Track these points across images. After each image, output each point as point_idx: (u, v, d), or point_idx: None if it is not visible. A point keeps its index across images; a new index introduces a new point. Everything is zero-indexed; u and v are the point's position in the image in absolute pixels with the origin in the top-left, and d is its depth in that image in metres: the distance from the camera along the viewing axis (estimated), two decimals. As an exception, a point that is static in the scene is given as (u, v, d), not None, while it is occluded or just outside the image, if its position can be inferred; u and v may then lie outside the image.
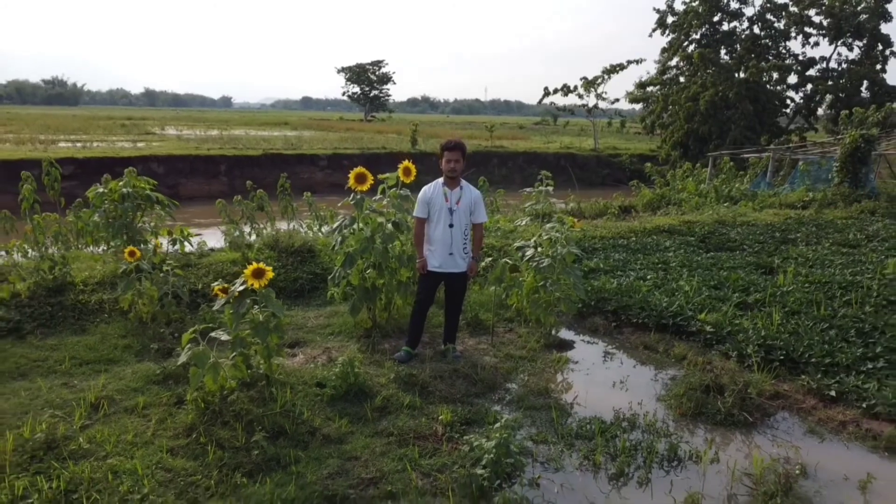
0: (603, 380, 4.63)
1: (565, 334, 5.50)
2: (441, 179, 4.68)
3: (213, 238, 8.88)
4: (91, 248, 8.99)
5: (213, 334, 3.71)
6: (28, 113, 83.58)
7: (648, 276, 6.51)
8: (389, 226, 4.99)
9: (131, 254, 4.76)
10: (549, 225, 5.44)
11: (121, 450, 3.33)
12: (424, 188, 4.70)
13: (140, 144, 27.93)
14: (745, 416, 3.98)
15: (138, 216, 6.28)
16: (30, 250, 8.00)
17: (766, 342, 4.81)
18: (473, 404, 4.09)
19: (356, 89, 73.48)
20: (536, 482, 3.26)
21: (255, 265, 3.65)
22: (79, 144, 26.43)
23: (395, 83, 73.52)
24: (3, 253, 7.87)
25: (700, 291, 5.97)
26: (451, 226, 4.62)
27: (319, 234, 10.37)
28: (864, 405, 4.05)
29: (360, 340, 5.08)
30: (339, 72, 75.28)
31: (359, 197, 4.92)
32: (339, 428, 3.69)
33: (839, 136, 13.22)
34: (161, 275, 5.08)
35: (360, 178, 4.81)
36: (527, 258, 5.31)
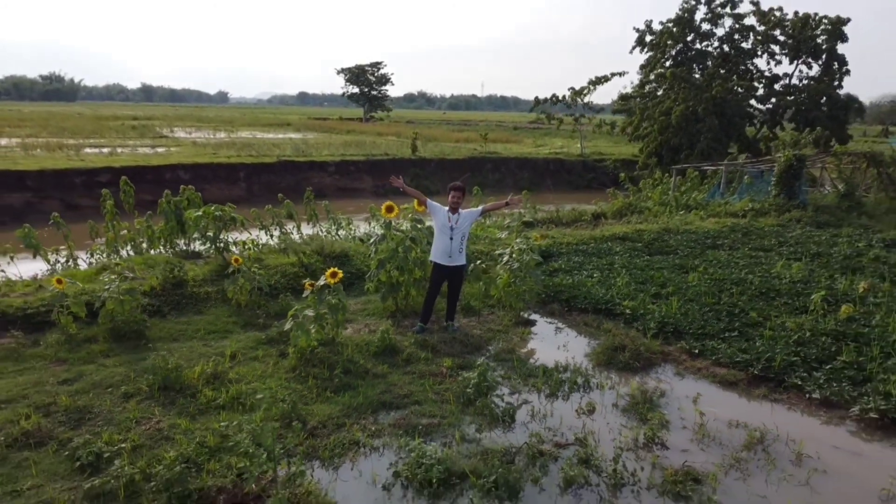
0: (552, 344, 6.94)
1: (531, 316, 7.81)
2: (447, 207, 6.96)
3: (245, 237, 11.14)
4: (159, 249, 11.29)
5: (305, 313, 5.99)
6: (33, 111, 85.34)
7: (595, 275, 8.83)
8: (408, 241, 7.29)
9: (235, 260, 7.05)
10: (518, 239, 7.75)
11: (256, 378, 5.63)
12: (438, 206, 6.96)
13: (160, 150, 30.08)
14: (636, 364, 6.30)
15: (223, 230, 8.55)
16: (125, 252, 10.33)
17: (663, 320, 7.13)
18: (465, 357, 6.39)
19: (355, 90, 75.49)
20: (501, 396, 5.56)
21: (333, 269, 5.94)
22: (105, 150, 28.60)
23: (392, 84, 75.46)
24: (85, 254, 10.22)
25: (629, 285, 8.30)
26: (451, 238, 6.92)
27: (337, 236, 12.68)
28: (713, 358, 6.37)
29: (388, 319, 7.37)
30: (338, 73, 77.28)
31: (387, 221, 7.23)
32: (382, 369, 5.99)
33: (777, 154, 15.48)
34: (250, 273, 7.36)
35: (389, 209, 7.12)
36: (503, 262, 7.63)
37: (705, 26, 25.00)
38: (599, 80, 31.53)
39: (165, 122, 60.30)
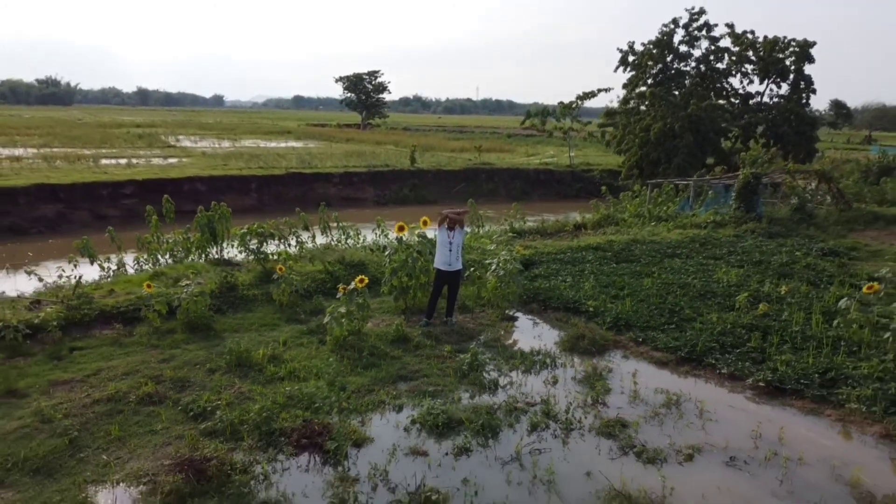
0: (529, 335, 8.82)
1: (514, 313, 9.68)
2: (446, 226, 8.81)
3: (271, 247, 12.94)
4: (193, 258, 13.09)
5: (339, 310, 7.84)
6: (34, 116, 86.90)
7: (567, 280, 10.72)
8: (415, 253, 9.16)
9: (279, 269, 8.90)
10: (504, 252, 9.64)
11: (304, 359, 7.49)
12: (440, 227, 8.78)
13: (172, 160, 31.91)
14: (593, 349, 8.17)
15: (265, 244, 10.41)
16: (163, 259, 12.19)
17: (618, 316, 9.01)
18: (461, 344, 8.25)
19: (353, 97, 77.41)
20: (488, 372, 7.42)
21: (361, 277, 7.81)
22: (122, 161, 30.40)
23: (389, 92, 77.40)
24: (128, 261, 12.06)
25: (594, 288, 10.19)
26: (450, 250, 8.79)
27: (346, 245, 14.49)
28: (652, 345, 8.26)
29: (399, 316, 9.22)
30: (336, 80, 79.21)
31: (399, 237, 9.12)
32: (397, 353, 7.84)
33: (738, 172, 17.40)
34: (290, 279, 9.21)
35: (401, 228, 9.00)
36: (492, 270, 9.52)
37: (683, 48, 26.99)
38: (587, 95, 33.52)
39: (168, 129, 62.04)
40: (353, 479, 5.23)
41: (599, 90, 32.16)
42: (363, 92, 76.56)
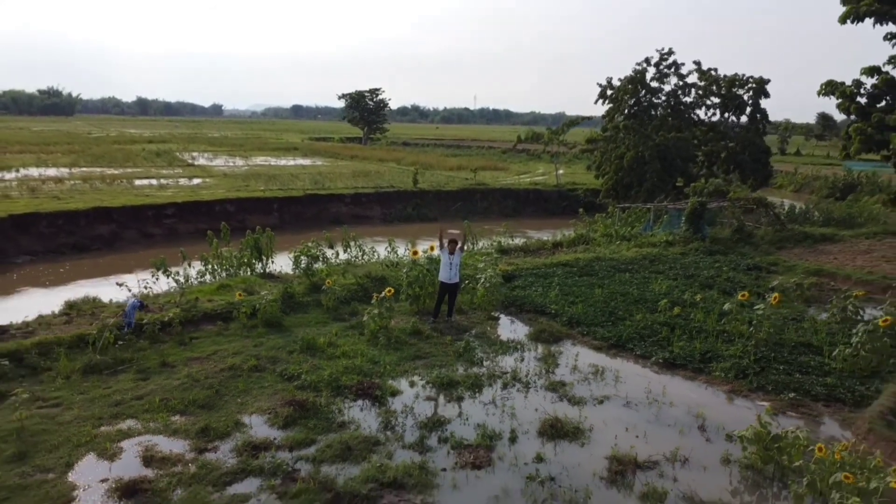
0: (508, 329, 12.27)
1: (497, 314, 13.12)
2: (447, 249, 12.26)
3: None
4: (243, 271, 16.49)
5: (372, 312, 11.27)
6: (44, 129, 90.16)
7: (538, 290, 14.18)
8: (425, 270, 12.64)
9: (328, 283, 12.36)
10: (489, 270, 13.12)
11: (351, 345, 10.93)
12: (444, 251, 12.24)
13: (197, 181, 35.38)
14: (551, 339, 11.62)
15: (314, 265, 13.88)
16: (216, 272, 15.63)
17: (572, 316, 12.47)
18: (458, 335, 11.71)
19: (356, 114, 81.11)
20: (477, 353, 10.86)
21: (389, 288, 11.27)
22: (153, 181, 33.91)
23: (390, 109, 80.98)
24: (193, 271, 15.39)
25: (558, 296, 13.64)
26: (450, 268, 12.26)
27: (363, 260, 17.92)
28: (593, 336, 11.72)
29: (414, 316, 12.66)
30: (339, 98, 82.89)
31: (413, 260, 12.61)
32: (414, 341, 11.29)
33: (688, 199, 20.91)
34: (334, 290, 12.66)
35: (415, 253, 12.49)
36: (481, 283, 13.00)
37: (655, 84, 30.59)
38: (574, 122, 37.21)
39: (180, 145, 65.59)
40: (392, 412, 8.66)
41: (582, 118, 35.78)
42: (365, 109, 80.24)
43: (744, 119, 30.70)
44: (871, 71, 14.79)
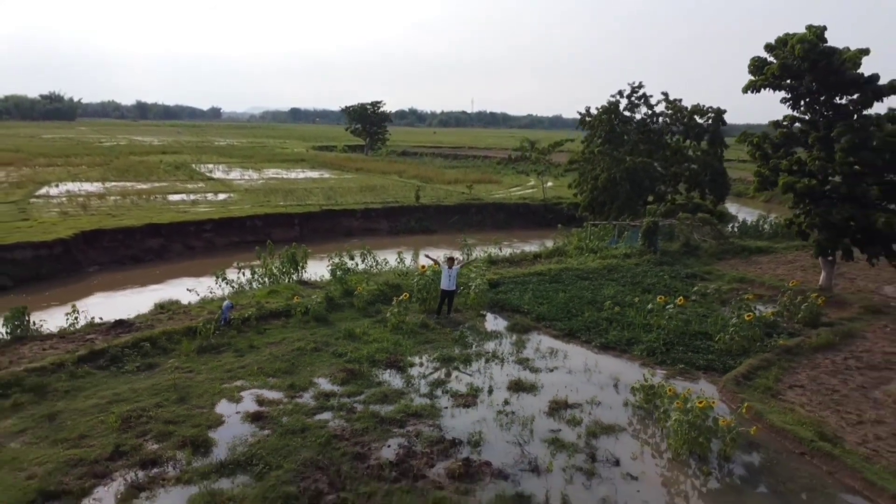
0: (492, 323, 16.67)
1: (484, 312, 17.51)
2: (447, 265, 16.66)
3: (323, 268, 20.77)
4: (283, 278, 20.87)
5: (394, 310, 15.65)
6: (53, 137, 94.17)
7: (517, 294, 18.57)
8: (431, 280, 17.06)
9: (359, 289, 16.74)
10: (478, 279, 17.55)
11: (379, 334, 15.30)
12: (444, 266, 16.64)
13: (222, 196, 39.71)
14: (523, 330, 16.01)
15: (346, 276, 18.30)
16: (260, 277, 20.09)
17: (539, 313, 16.87)
18: (456, 327, 16.10)
19: (359, 126, 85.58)
20: (468, 340, 15.25)
21: (405, 293, 15.68)
22: (184, 196, 38.20)
23: (391, 121, 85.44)
24: (246, 276, 19.80)
25: (531, 299, 18.04)
26: (449, 279, 16.68)
27: (376, 269, 22.30)
28: (554, 328, 16.12)
29: (423, 314, 17.04)
30: (342, 110, 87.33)
31: (421, 274, 17.06)
32: (423, 332, 15.68)
33: (644, 219, 25.32)
34: (364, 294, 17.06)
35: (423, 268, 16.93)
36: (472, 288, 17.43)
37: (627, 113, 35.06)
38: (559, 143, 41.73)
39: (192, 156, 69.95)
40: (411, 376, 13.03)
41: (566, 140, 40.22)
42: (367, 121, 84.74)
43: (704, 145, 35.09)
44: (775, 124, 18.92)
